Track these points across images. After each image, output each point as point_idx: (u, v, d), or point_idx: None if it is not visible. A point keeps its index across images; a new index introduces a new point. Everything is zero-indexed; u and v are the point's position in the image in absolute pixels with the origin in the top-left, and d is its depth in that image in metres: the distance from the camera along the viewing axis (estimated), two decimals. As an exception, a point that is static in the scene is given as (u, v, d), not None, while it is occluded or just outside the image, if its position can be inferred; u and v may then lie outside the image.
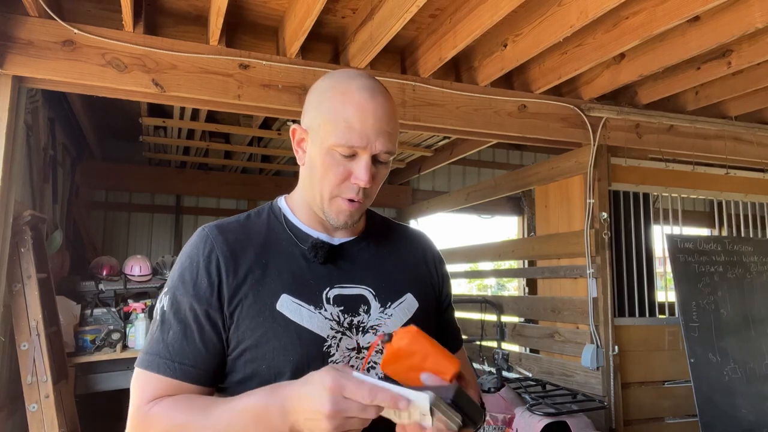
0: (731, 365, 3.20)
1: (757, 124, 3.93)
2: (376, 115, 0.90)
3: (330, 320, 0.92)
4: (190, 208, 5.62)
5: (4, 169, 2.38)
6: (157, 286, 4.10)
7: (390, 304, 0.99)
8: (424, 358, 0.76)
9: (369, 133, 0.89)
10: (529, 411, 2.72)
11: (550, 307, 3.72)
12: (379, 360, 0.84)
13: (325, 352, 0.91)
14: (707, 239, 3.55)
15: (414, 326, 0.80)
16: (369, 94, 0.91)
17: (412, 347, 0.76)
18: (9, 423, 2.78)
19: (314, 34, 2.80)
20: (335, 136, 0.90)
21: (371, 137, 0.90)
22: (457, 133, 3.40)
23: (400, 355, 0.77)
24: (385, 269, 1.04)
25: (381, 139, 0.90)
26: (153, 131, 4.34)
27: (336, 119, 0.90)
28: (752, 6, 2.44)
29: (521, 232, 6.52)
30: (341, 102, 0.91)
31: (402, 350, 0.77)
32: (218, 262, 0.91)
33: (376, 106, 0.91)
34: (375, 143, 0.90)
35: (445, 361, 0.76)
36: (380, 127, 0.90)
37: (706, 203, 5.62)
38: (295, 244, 0.98)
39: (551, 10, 2.59)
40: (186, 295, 0.90)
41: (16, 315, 2.68)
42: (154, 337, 0.90)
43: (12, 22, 2.41)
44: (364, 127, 0.89)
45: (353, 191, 0.93)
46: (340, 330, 0.93)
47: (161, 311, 0.91)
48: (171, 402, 0.85)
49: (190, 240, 0.96)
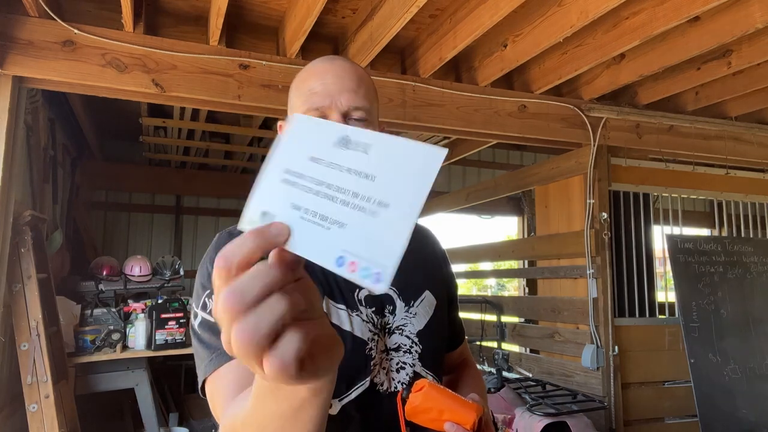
0: (731, 365, 3.20)
1: (757, 124, 3.93)
2: (336, 74, 0.91)
3: (367, 322, 0.90)
4: (190, 208, 5.62)
5: (4, 169, 2.38)
6: (157, 286, 4.10)
7: (413, 302, 0.97)
8: (441, 412, 0.78)
9: (330, 91, 0.90)
10: (529, 411, 2.72)
11: (550, 308, 3.72)
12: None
13: (368, 355, 0.88)
14: (707, 239, 3.54)
15: (425, 381, 0.79)
16: (328, 61, 0.94)
17: (426, 404, 0.78)
18: (9, 423, 2.78)
19: (314, 34, 2.80)
20: (303, 107, 0.91)
21: (334, 95, 0.90)
22: (457, 134, 3.40)
23: (417, 411, 0.79)
24: (403, 267, 1.00)
25: (345, 94, 0.90)
26: (153, 131, 4.34)
27: (301, 93, 0.93)
28: (752, 6, 2.44)
29: (521, 232, 6.52)
30: (306, 77, 0.94)
31: (418, 407, 0.79)
32: None
33: (334, 67, 0.93)
34: (339, 99, 0.90)
35: (463, 410, 0.78)
36: (342, 85, 0.91)
37: (706, 203, 5.62)
38: None
39: (551, 11, 2.59)
40: None
41: (16, 315, 2.68)
42: (206, 346, 0.82)
43: (12, 22, 2.41)
44: (325, 88, 0.90)
45: None
46: (376, 332, 0.91)
47: (200, 324, 0.83)
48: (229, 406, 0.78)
49: (214, 242, 0.92)
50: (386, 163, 0.42)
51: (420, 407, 0.79)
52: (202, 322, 0.83)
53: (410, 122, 3.06)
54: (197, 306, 0.85)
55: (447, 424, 0.77)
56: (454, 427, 0.76)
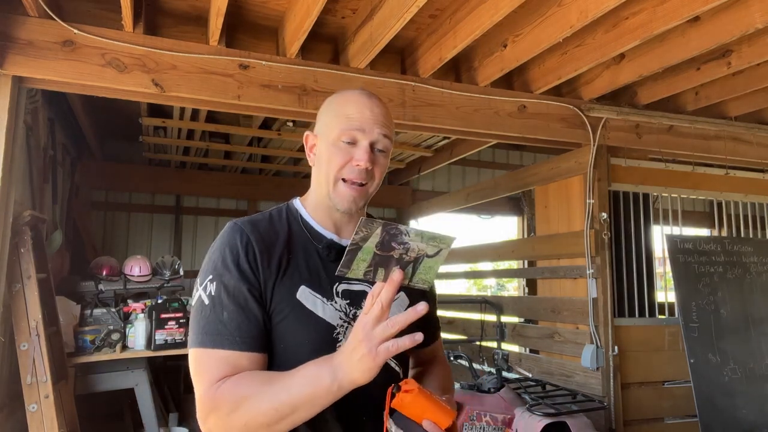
0: (731, 365, 3.20)
1: (757, 124, 3.93)
2: (372, 109, 1.09)
3: (339, 311, 1.05)
4: (189, 209, 5.62)
5: (4, 169, 2.38)
6: (157, 286, 4.09)
7: None
8: (424, 411, 0.94)
9: (366, 122, 1.08)
10: (529, 411, 2.72)
11: (550, 308, 3.72)
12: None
13: (334, 338, 1.03)
14: (707, 239, 3.54)
15: (415, 384, 0.95)
16: (366, 95, 1.12)
17: (413, 404, 0.94)
18: (9, 423, 2.78)
19: (314, 34, 2.80)
20: (338, 128, 1.08)
21: (368, 125, 1.08)
22: (457, 134, 3.40)
23: (404, 405, 0.94)
24: None
25: (377, 127, 1.08)
26: (153, 131, 4.34)
27: (339, 115, 1.10)
28: (752, 6, 2.44)
29: (521, 232, 6.52)
30: (343, 102, 1.12)
31: (405, 403, 0.94)
32: (254, 252, 1.02)
33: (371, 102, 1.11)
34: (372, 130, 1.08)
35: (441, 413, 0.94)
36: (376, 119, 1.09)
37: (706, 203, 5.62)
38: (311, 242, 1.10)
39: (551, 11, 2.59)
40: (233, 278, 1.00)
41: (15, 315, 2.68)
42: (209, 319, 0.98)
43: (12, 22, 2.41)
44: (362, 117, 1.08)
45: (354, 172, 1.07)
46: (346, 320, 1.05)
47: (210, 296, 1.00)
48: (236, 379, 0.94)
49: (224, 232, 1.06)
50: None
51: (407, 404, 0.94)
52: (203, 300, 1.01)
53: (410, 122, 3.06)
54: (201, 284, 1.02)
55: (426, 421, 0.93)
56: (431, 425, 0.93)
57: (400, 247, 0.85)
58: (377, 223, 0.83)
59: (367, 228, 0.83)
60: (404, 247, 0.85)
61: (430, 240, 0.86)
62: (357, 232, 0.83)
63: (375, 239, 0.84)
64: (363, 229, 0.83)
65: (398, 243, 0.85)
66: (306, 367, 0.90)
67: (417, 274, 0.89)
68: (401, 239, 0.85)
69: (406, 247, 0.85)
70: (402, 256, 0.86)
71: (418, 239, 0.85)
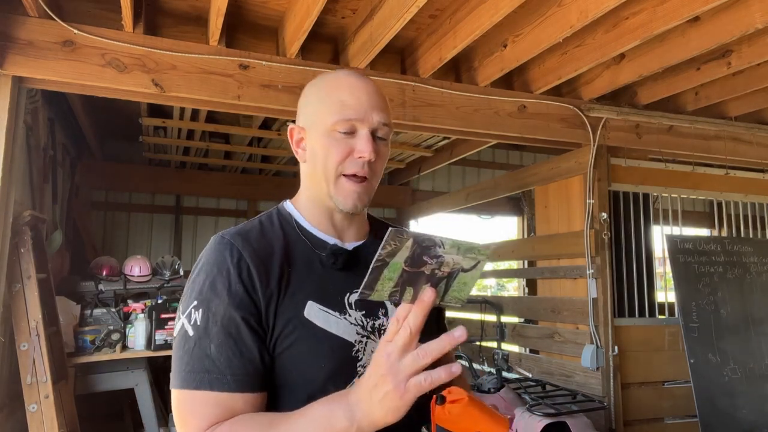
0: (731, 366, 3.20)
1: (757, 124, 3.93)
2: (368, 92, 0.96)
3: (355, 325, 0.92)
4: (189, 209, 5.62)
5: (4, 169, 2.38)
6: (157, 286, 4.10)
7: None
8: (476, 424, 0.78)
9: (364, 107, 0.94)
10: (529, 411, 2.72)
11: (549, 308, 3.72)
12: None
13: (354, 357, 0.90)
14: (707, 239, 3.54)
15: (464, 393, 0.78)
16: (356, 76, 0.98)
17: (463, 415, 0.78)
18: (9, 423, 2.78)
19: (314, 34, 2.80)
20: (332, 116, 0.93)
21: (367, 110, 0.94)
22: (457, 134, 3.40)
23: (451, 419, 0.79)
24: None
25: (376, 111, 0.94)
26: (153, 131, 4.34)
27: (330, 102, 0.94)
28: (752, 6, 2.44)
29: (521, 232, 6.52)
30: (333, 87, 0.97)
31: (453, 416, 0.79)
32: (249, 270, 0.87)
33: (365, 84, 0.97)
34: (371, 115, 0.94)
35: (496, 426, 0.79)
36: (373, 102, 0.95)
37: (706, 203, 5.62)
38: (312, 250, 0.96)
39: (551, 11, 2.59)
40: (222, 304, 0.85)
41: (15, 315, 2.68)
42: (193, 354, 0.83)
43: (12, 22, 2.40)
44: (358, 102, 0.94)
45: (358, 165, 0.93)
46: (365, 334, 0.92)
47: (195, 326, 0.84)
48: (230, 424, 0.80)
49: (210, 248, 0.91)
50: None
51: (454, 417, 0.79)
52: (187, 331, 0.86)
53: (410, 122, 3.06)
54: (184, 312, 0.87)
55: None
56: None
57: (433, 262, 0.72)
58: (408, 235, 0.69)
59: (396, 241, 0.69)
60: (437, 261, 0.72)
61: (468, 251, 0.73)
62: (384, 246, 0.69)
63: (405, 253, 0.70)
64: (392, 242, 0.68)
65: (431, 257, 0.72)
66: (315, 407, 0.76)
67: (450, 292, 0.76)
68: (435, 252, 0.71)
69: (440, 261, 0.72)
70: (434, 272, 0.73)
71: (454, 251, 0.72)
